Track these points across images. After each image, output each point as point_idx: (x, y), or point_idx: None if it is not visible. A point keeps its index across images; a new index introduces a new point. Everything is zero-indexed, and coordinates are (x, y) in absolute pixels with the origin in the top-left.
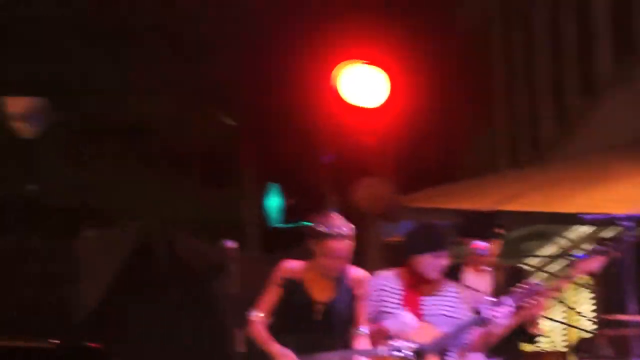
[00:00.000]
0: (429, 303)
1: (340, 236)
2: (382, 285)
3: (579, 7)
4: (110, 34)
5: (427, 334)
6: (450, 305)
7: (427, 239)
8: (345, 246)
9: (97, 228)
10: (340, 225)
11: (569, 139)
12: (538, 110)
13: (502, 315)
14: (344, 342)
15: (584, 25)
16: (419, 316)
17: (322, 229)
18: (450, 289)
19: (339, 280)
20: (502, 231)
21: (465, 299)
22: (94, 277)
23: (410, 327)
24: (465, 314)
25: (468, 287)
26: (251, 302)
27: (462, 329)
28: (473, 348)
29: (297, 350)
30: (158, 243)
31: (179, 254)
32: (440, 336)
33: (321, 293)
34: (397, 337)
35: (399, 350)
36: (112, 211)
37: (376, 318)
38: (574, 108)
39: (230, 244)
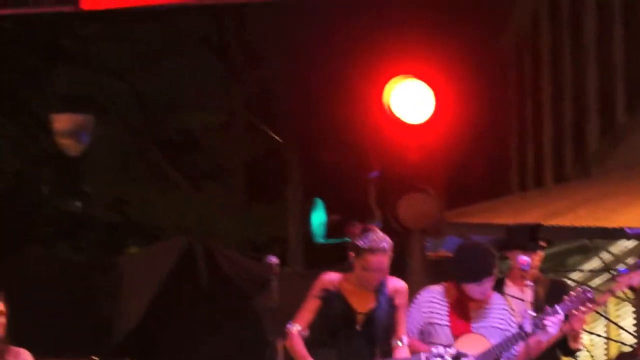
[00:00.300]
0: (478, 315)
1: (379, 250)
2: (431, 298)
3: (627, 19)
4: (157, 47)
5: (477, 345)
6: (499, 318)
7: (472, 267)
8: (382, 260)
9: (141, 244)
10: (379, 239)
11: (615, 153)
12: (585, 124)
13: (552, 325)
14: (384, 352)
15: (633, 38)
16: (468, 328)
17: (361, 243)
18: (499, 301)
19: (379, 291)
20: (544, 244)
21: (513, 311)
22: (137, 293)
23: None
24: (513, 326)
25: (514, 298)
26: (292, 317)
27: (510, 341)
28: (523, 358)
29: None
30: (201, 258)
31: (222, 269)
32: (489, 348)
33: (361, 303)
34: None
35: (441, 357)
36: (157, 227)
37: (424, 330)
38: (621, 123)
39: (273, 259)
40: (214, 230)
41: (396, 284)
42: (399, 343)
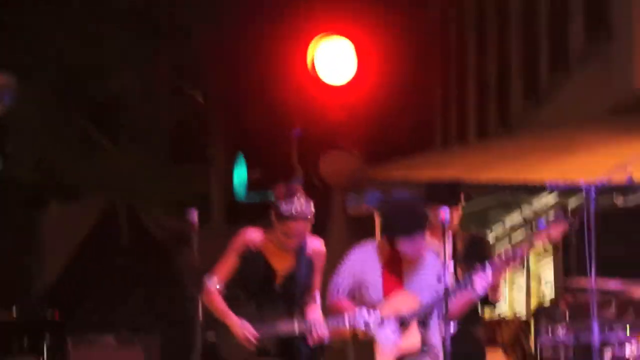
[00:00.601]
0: (410, 273)
1: (301, 218)
2: (364, 256)
3: None
4: (82, 11)
5: (408, 303)
6: (431, 276)
7: (405, 221)
8: (304, 227)
9: (63, 202)
10: (301, 207)
11: (538, 114)
12: (508, 85)
13: (480, 282)
14: (301, 312)
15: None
16: (400, 287)
17: (283, 209)
18: (432, 259)
19: (299, 252)
20: (464, 199)
21: (443, 268)
22: (58, 250)
23: (391, 343)
24: (446, 283)
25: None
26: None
27: (440, 298)
28: (453, 316)
29: (255, 321)
30: (123, 215)
31: (143, 226)
32: (422, 305)
33: (281, 264)
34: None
35: (364, 319)
36: (81, 188)
37: (355, 289)
38: (544, 84)
39: (194, 216)
40: (138, 190)
41: (316, 245)
42: (313, 299)
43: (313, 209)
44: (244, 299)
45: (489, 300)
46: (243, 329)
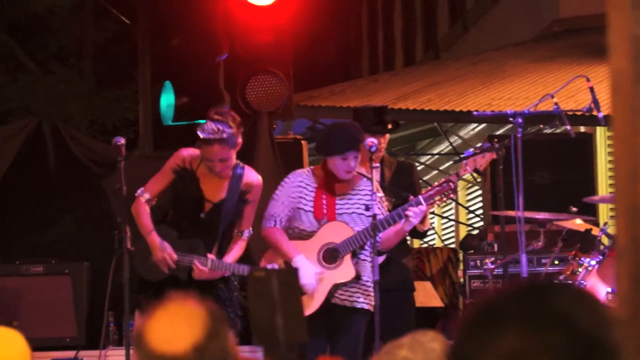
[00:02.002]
0: (343, 201)
1: (215, 141)
2: (300, 182)
3: None
4: None
5: (340, 233)
6: (364, 203)
7: (338, 139)
8: (220, 150)
9: None
10: (215, 129)
11: (464, 39)
12: (435, 10)
13: (414, 215)
14: (225, 244)
15: None
16: (332, 214)
17: (199, 133)
18: (365, 186)
19: (233, 183)
20: (391, 126)
21: (372, 196)
22: None
23: (312, 282)
24: (381, 212)
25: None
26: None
27: (373, 228)
28: (385, 246)
29: (175, 245)
30: (49, 139)
31: (70, 150)
32: (352, 235)
33: (213, 192)
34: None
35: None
36: (6, 110)
37: (291, 216)
38: (470, 9)
39: (120, 140)
40: (65, 113)
41: (252, 178)
42: (240, 234)
43: (230, 131)
44: (171, 220)
45: (417, 231)
46: (162, 250)
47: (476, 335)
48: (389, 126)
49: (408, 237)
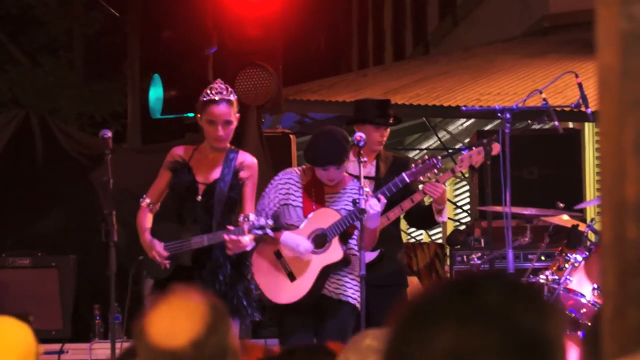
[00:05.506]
0: (331, 198)
1: (223, 100)
2: (288, 180)
3: None
4: None
5: (329, 218)
6: (350, 201)
7: (319, 152)
8: (227, 111)
9: None
10: (223, 89)
11: (453, 34)
12: (425, 4)
13: (371, 207)
14: (223, 225)
15: None
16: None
17: (204, 96)
18: (353, 186)
19: (226, 163)
20: (393, 120)
21: (360, 190)
22: None
23: (303, 249)
24: (361, 205)
25: (351, 175)
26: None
27: (351, 216)
28: (366, 245)
29: (174, 235)
30: (38, 131)
31: (58, 142)
32: (340, 218)
33: (205, 174)
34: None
35: (260, 228)
36: None
37: (279, 212)
38: (460, 4)
39: (108, 133)
40: (53, 105)
41: (246, 158)
42: (247, 220)
43: (236, 97)
44: (172, 212)
45: (434, 221)
46: (151, 249)
47: (410, 337)
48: (391, 120)
49: (403, 232)
